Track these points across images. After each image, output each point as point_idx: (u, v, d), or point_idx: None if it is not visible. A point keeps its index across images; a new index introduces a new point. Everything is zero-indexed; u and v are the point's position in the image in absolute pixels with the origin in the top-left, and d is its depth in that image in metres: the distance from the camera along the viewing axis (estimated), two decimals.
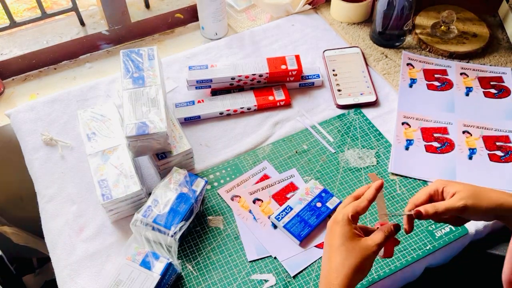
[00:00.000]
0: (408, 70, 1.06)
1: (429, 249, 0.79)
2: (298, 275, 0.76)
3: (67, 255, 0.80)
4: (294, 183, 0.87)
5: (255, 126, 0.97)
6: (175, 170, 0.82)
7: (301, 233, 0.79)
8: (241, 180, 0.88)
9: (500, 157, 0.90)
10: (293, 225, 0.80)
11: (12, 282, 1.20)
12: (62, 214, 0.85)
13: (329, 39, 1.14)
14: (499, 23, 1.17)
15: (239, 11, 1.26)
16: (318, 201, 0.83)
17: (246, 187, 0.87)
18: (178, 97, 1.02)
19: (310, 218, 0.81)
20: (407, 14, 1.04)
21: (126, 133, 0.78)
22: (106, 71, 1.17)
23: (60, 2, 1.86)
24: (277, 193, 0.86)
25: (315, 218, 0.81)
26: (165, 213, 0.76)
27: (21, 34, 1.19)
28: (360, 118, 0.98)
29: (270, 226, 0.82)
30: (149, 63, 0.89)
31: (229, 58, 1.10)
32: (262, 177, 0.88)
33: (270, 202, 0.85)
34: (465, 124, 0.96)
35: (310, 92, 1.03)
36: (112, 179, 0.80)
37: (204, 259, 0.78)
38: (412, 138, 0.93)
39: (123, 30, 1.21)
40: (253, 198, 0.85)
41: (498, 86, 1.02)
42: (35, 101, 1.01)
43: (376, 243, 0.62)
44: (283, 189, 0.86)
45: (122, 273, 0.71)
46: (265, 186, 0.87)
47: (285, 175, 0.88)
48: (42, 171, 0.90)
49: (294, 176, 0.88)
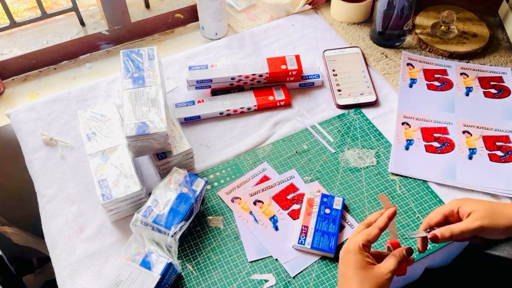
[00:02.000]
0: (408, 70, 1.06)
1: (429, 249, 0.79)
2: (298, 275, 0.76)
3: (67, 255, 0.80)
4: (294, 184, 0.87)
5: (255, 126, 0.97)
6: (175, 170, 0.82)
7: (331, 245, 0.78)
8: (241, 181, 0.88)
9: (500, 157, 0.90)
10: (318, 242, 0.78)
11: (12, 282, 1.20)
12: (62, 214, 0.85)
13: (329, 39, 1.14)
14: (499, 23, 1.17)
15: (239, 11, 1.26)
16: (325, 207, 0.82)
17: (246, 188, 0.86)
18: (178, 97, 1.02)
19: (329, 227, 0.80)
20: (407, 14, 1.04)
21: (126, 133, 0.78)
22: (106, 71, 1.17)
23: (60, 2, 1.86)
24: (278, 195, 0.86)
25: (333, 224, 0.80)
26: (165, 213, 0.76)
27: (21, 34, 1.19)
28: (360, 118, 0.98)
29: (272, 228, 0.81)
30: (149, 63, 0.89)
31: (229, 58, 1.10)
32: (262, 178, 0.88)
33: (270, 203, 0.84)
34: (465, 124, 0.96)
35: (310, 92, 1.03)
36: (112, 179, 0.80)
37: (204, 259, 0.78)
38: (412, 138, 0.93)
39: (123, 30, 1.21)
40: (254, 199, 0.85)
41: (498, 86, 1.02)
42: (35, 101, 1.01)
43: (390, 270, 0.62)
44: (283, 190, 0.86)
45: (122, 273, 0.71)
46: (265, 187, 0.86)
47: (285, 176, 0.88)
48: (42, 171, 0.90)
49: (294, 177, 0.88)
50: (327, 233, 0.79)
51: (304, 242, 0.78)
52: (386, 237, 0.80)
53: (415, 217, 0.82)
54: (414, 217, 0.83)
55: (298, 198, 0.85)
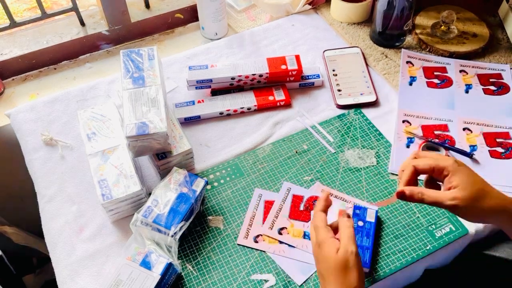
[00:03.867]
0: (407, 68, 1.06)
1: (429, 249, 0.79)
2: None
3: (67, 255, 0.80)
4: (296, 195, 0.85)
5: (255, 126, 0.97)
6: (175, 170, 0.82)
7: (365, 260, 0.75)
8: (249, 219, 0.83)
9: (500, 154, 0.90)
10: None
11: (12, 282, 1.20)
12: (62, 214, 0.85)
13: (329, 39, 1.14)
14: (499, 23, 1.17)
15: (239, 11, 1.26)
16: (358, 219, 0.79)
17: (258, 223, 0.82)
18: (178, 97, 1.02)
19: (363, 241, 0.77)
20: (407, 14, 1.04)
21: (126, 133, 0.78)
22: (106, 71, 1.17)
23: (60, 2, 1.86)
24: (291, 212, 0.83)
25: (367, 238, 0.77)
26: (165, 213, 0.76)
27: (21, 34, 1.19)
28: (360, 118, 0.98)
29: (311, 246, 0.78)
30: (149, 63, 0.89)
31: (229, 58, 1.10)
32: (265, 205, 0.84)
33: (293, 224, 0.81)
34: (465, 121, 0.96)
35: (310, 92, 1.03)
36: (112, 179, 0.80)
37: (204, 259, 0.78)
38: (413, 136, 0.93)
39: (123, 30, 1.21)
40: (276, 230, 0.81)
41: (497, 83, 1.03)
42: (35, 101, 1.01)
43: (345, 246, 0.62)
44: (292, 205, 0.84)
45: (122, 273, 0.71)
46: (276, 213, 0.83)
47: (283, 191, 0.86)
48: (42, 171, 0.90)
49: (291, 188, 0.86)
50: (361, 247, 0.76)
51: None
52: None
53: (415, 217, 0.82)
54: (414, 217, 0.83)
55: (310, 204, 0.84)
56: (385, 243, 0.79)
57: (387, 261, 0.77)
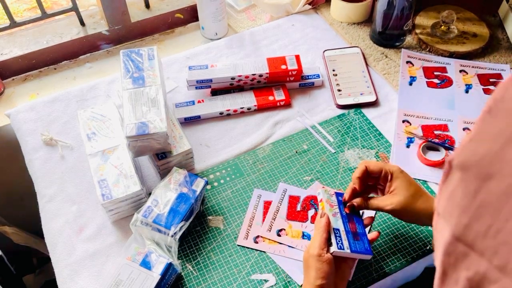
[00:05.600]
0: (407, 68, 1.06)
1: (429, 249, 0.79)
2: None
3: (67, 255, 0.80)
4: (293, 195, 0.85)
5: (255, 126, 0.97)
6: (175, 170, 0.82)
7: (366, 246, 0.70)
8: (248, 219, 0.83)
9: None
10: (354, 244, 0.69)
11: (12, 282, 1.20)
12: (62, 214, 0.85)
13: (329, 39, 1.14)
14: (499, 23, 1.17)
15: (239, 11, 1.26)
16: (344, 207, 0.74)
17: (258, 224, 0.82)
18: (178, 97, 1.02)
19: (358, 227, 0.72)
20: (407, 14, 1.04)
21: (126, 133, 0.78)
22: (106, 71, 1.17)
23: (60, 2, 1.86)
24: (288, 213, 0.83)
25: (358, 224, 0.73)
26: (165, 213, 0.76)
27: (21, 34, 1.19)
28: (360, 118, 0.98)
29: None
30: (149, 63, 0.89)
31: (229, 58, 1.10)
32: (264, 206, 0.84)
33: (291, 225, 0.81)
34: (465, 121, 0.96)
35: (310, 92, 1.03)
36: (112, 179, 0.80)
37: (204, 259, 0.78)
38: (413, 135, 0.93)
39: (123, 30, 1.21)
40: (275, 232, 0.81)
41: (497, 83, 1.02)
42: (35, 101, 1.01)
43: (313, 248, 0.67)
44: (289, 206, 0.84)
45: (122, 273, 0.71)
46: (274, 214, 0.83)
47: (280, 192, 0.85)
48: (42, 171, 0.90)
49: (287, 189, 0.86)
50: (358, 234, 0.71)
51: (343, 246, 0.68)
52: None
53: None
54: None
55: (306, 204, 0.84)
56: (385, 243, 0.79)
57: (387, 261, 0.77)
